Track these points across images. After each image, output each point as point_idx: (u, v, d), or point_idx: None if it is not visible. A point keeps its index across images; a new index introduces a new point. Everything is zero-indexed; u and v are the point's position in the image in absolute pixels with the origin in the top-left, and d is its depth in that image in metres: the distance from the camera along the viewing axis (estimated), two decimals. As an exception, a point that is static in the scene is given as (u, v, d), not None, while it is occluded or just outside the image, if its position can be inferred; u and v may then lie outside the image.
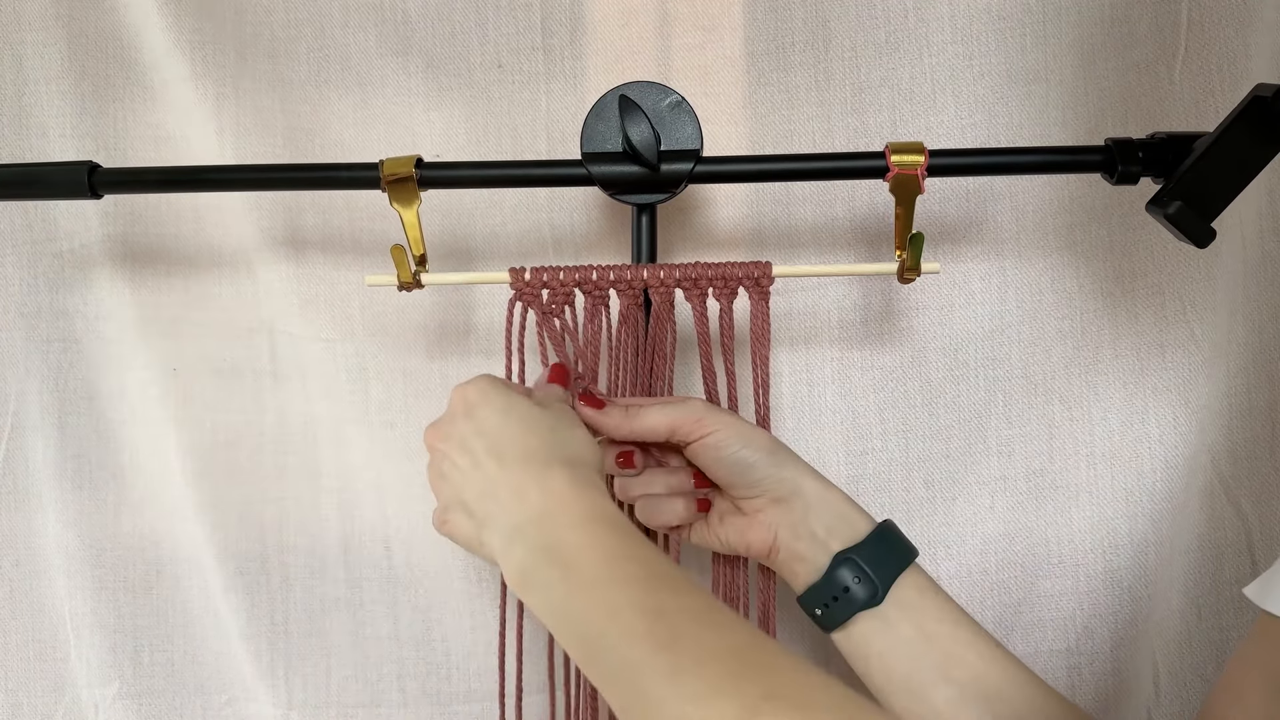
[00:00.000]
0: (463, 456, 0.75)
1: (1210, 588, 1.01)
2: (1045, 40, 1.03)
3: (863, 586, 0.79)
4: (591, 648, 0.62)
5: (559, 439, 0.74)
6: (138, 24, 1.07)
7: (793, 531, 0.82)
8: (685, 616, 0.59)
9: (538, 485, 0.70)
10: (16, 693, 1.15)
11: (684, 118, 0.90)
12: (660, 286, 0.88)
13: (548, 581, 0.66)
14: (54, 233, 1.10)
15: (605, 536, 0.66)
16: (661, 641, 0.58)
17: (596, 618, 0.62)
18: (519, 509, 0.70)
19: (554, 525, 0.68)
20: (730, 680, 0.54)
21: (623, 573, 0.64)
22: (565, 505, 0.68)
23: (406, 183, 0.89)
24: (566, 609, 0.64)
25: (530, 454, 0.72)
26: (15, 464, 1.12)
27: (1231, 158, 0.78)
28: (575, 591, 0.64)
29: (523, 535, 0.69)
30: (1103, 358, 1.05)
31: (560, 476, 0.70)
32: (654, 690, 0.56)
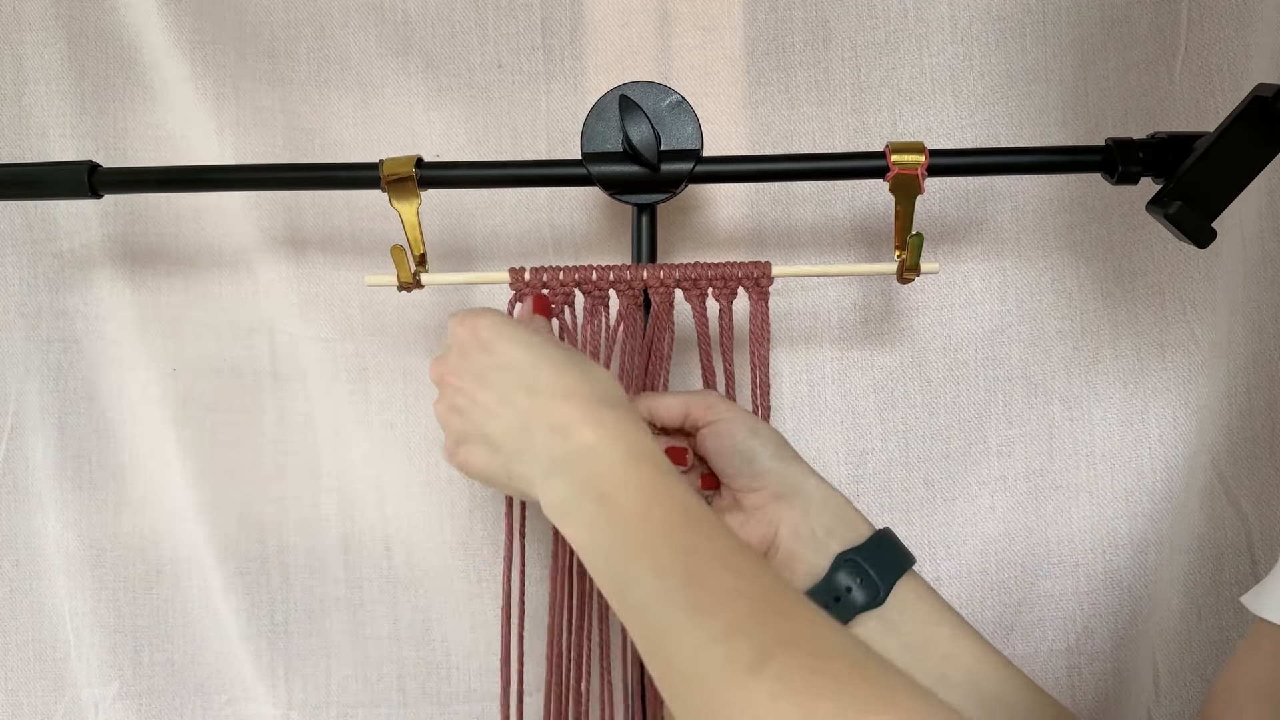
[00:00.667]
0: (484, 391, 0.74)
1: (1210, 588, 1.01)
2: (1045, 40, 1.03)
3: (864, 588, 0.78)
4: (622, 578, 0.63)
5: (593, 379, 0.73)
6: (138, 24, 1.07)
7: (792, 530, 0.81)
8: (714, 558, 0.60)
9: (585, 422, 0.69)
10: (16, 693, 1.15)
11: (684, 118, 0.90)
12: (660, 286, 0.88)
13: (588, 514, 0.67)
14: (54, 233, 1.10)
15: (648, 474, 0.67)
16: (689, 578, 0.59)
17: (631, 551, 0.63)
18: (561, 444, 0.69)
19: (599, 461, 0.68)
20: (750, 620, 0.55)
21: (661, 511, 0.65)
22: (612, 442, 0.68)
23: (407, 182, 0.89)
24: (604, 541, 0.65)
25: (570, 391, 0.71)
26: (15, 464, 1.12)
27: (1232, 158, 0.78)
28: (614, 524, 0.65)
29: (565, 469, 0.69)
30: (1103, 358, 1.05)
31: (608, 415, 0.70)
32: (676, 623, 0.57)
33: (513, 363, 0.73)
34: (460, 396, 0.76)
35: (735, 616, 0.56)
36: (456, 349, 0.77)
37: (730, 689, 0.53)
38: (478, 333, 0.75)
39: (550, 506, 0.70)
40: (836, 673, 0.52)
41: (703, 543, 0.62)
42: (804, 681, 0.51)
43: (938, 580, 1.07)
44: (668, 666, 0.58)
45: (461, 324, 0.76)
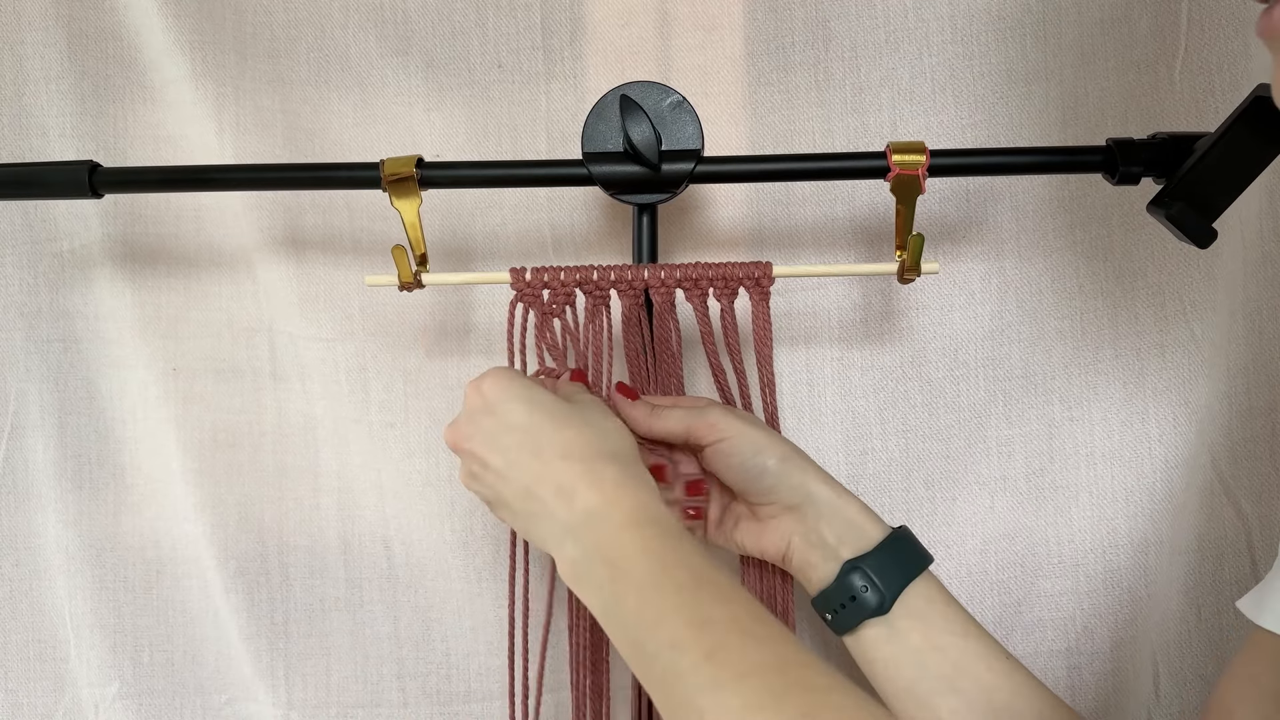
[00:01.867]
0: (493, 455, 0.75)
1: (1210, 588, 1.01)
2: (1045, 40, 1.03)
3: (871, 595, 0.79)
4: (638, 651, 0.63)
5: (596, 432, 0.74)
6: (138, 24, 1.07)
7: (805, 539, 0.83)
8: (729, 627, 0.60)
9: (586, 483, 0.70)
10: (16, 693, 1.15)
11: (685, 118, 0.90)
12: (661, 287, 0.88)
13: (599, 581, 0.67)
14: (54, 233, 1.10)
15: (654, 540, 0.67)
16: (705, 653, 0.59)
17: (644, 623, 0.63)
18: (567, 508, 0.70)
19: (605, 526, 0.68)
20: (770, 697, 0.55)
21: (671, 579, 0.64)
22: (615, 504, 0.69)
23: (407, 182, 0.89)
24: (616, 610, 0.65)
25: (570, 449, 0.72)
26: (15, 464, 1.12)
27: (1233, 158, 0.78)
28: (625, 594, 0.65)
29: (574, 535, 0.69)
30: (1103, 358, 1.05)
31: (610, 473, 0.70)
32: (697, 700, 0.57)
33: (517, 423, 0.74)
34: (474, 462, 0.77)
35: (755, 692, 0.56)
36: (467, 413, 0.77)
37: None
38: (484, 394, 0.76)
39: (563, 571, 0.70)
40: None
41: (718, 612, 0.62)
42: None
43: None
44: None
45: (471, 386, 0.77)
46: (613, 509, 0.68)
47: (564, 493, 0.70)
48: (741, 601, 0.63)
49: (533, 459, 0.72)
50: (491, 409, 0.75)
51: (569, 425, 0.73)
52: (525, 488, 0.73)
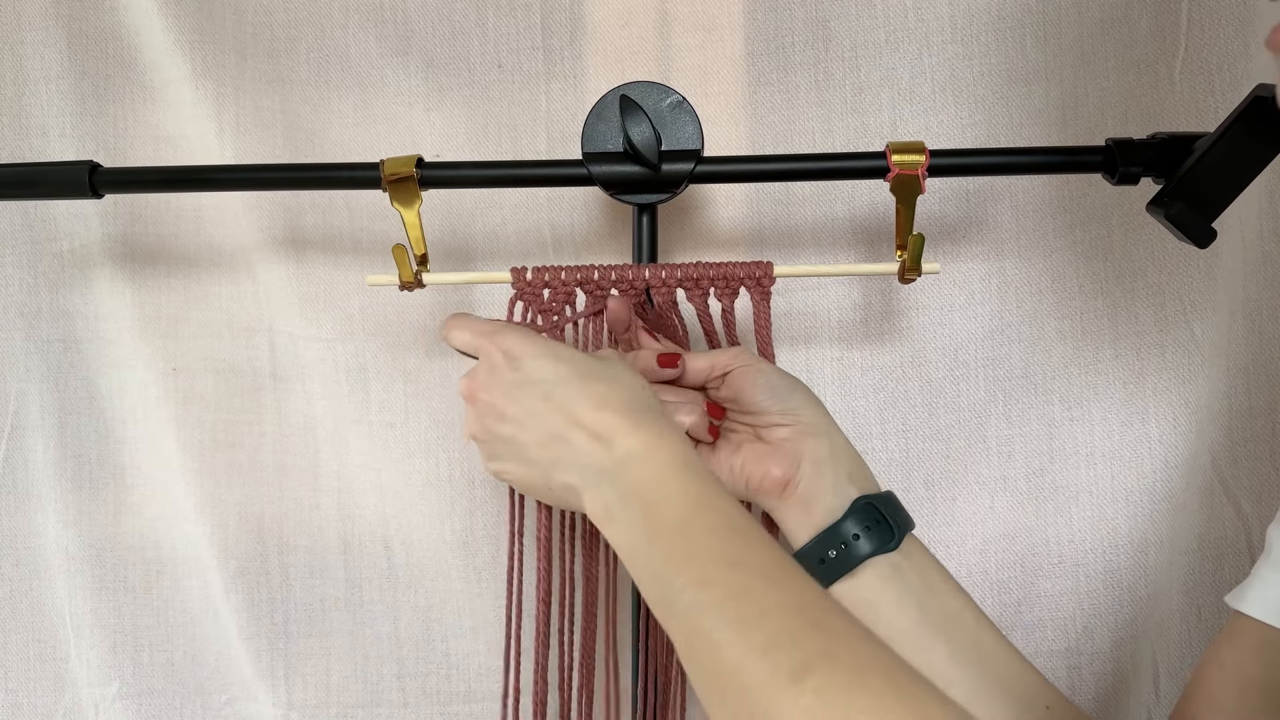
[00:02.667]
0: (512, 405, 0.75)
1: (1210, 588, 1.01)
2: (1045, 40, 1.03)
3: (877, 534, 0.79)
4: (665, 587, 0.64)
5: (627, 387, 0.75)
6: (138, 24, 1.07)
7: (816, 468, 0.82)
8: (756, 570, 0.62)
9: (625, 430, 0.71)
10: (16, 693, 1.15)
11: (685, 118, 0.90)
12: (662, 286, 0.88)
13: (633, 521, 0.68)
14: (54, 233, 1.10)
15: (690, 484, 0.68)
16: (731, 591, 0.60)
17: (676, 561, 0.64)
18: (604, 452, 0.71)
19: (643, 469, 0.69)
20: (789, 635, 0.56)
21: (704, 521, 0.66)
22: (657, 450, 0.70)
23: (407, 182, 0.89)
24: (649, 549, 0.66)
25: (603, 400, 0.72)
26: (15, 464, 1.12)
27: (1232, 158, 0.78)
28: (658, 534, 0.66)
29: (610, 477, 0.70)
30: (1103, 358, 1.05)
31: (648, 423, 0.71)
32: (717, 634, 0.58)
33: (541, 377, 0.74)
34: (489, 413, 0.77)
35: (777, 630, 0.57)
36: (485, 365, 0.78)
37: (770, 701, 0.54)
38: (506, 349, 0.77)
39: (594, 513, 0.71)
40: (873, 688, 0.53)
41: (747, 555, 0.63)
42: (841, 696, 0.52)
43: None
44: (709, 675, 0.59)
45: (490, 341, 0.78)
46: (654, 454, 0.69)
47: (601, 439, 0.71)
48: (768, 547, 0.64)
49: (557, 411, 0.73)
50: (515, 364, 0.76)
51: (600, 379, 0.74)
52: (551, 434, 0.73)
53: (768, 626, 0.57)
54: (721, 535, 0.65)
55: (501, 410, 0.76)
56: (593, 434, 0.71)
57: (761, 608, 0.58)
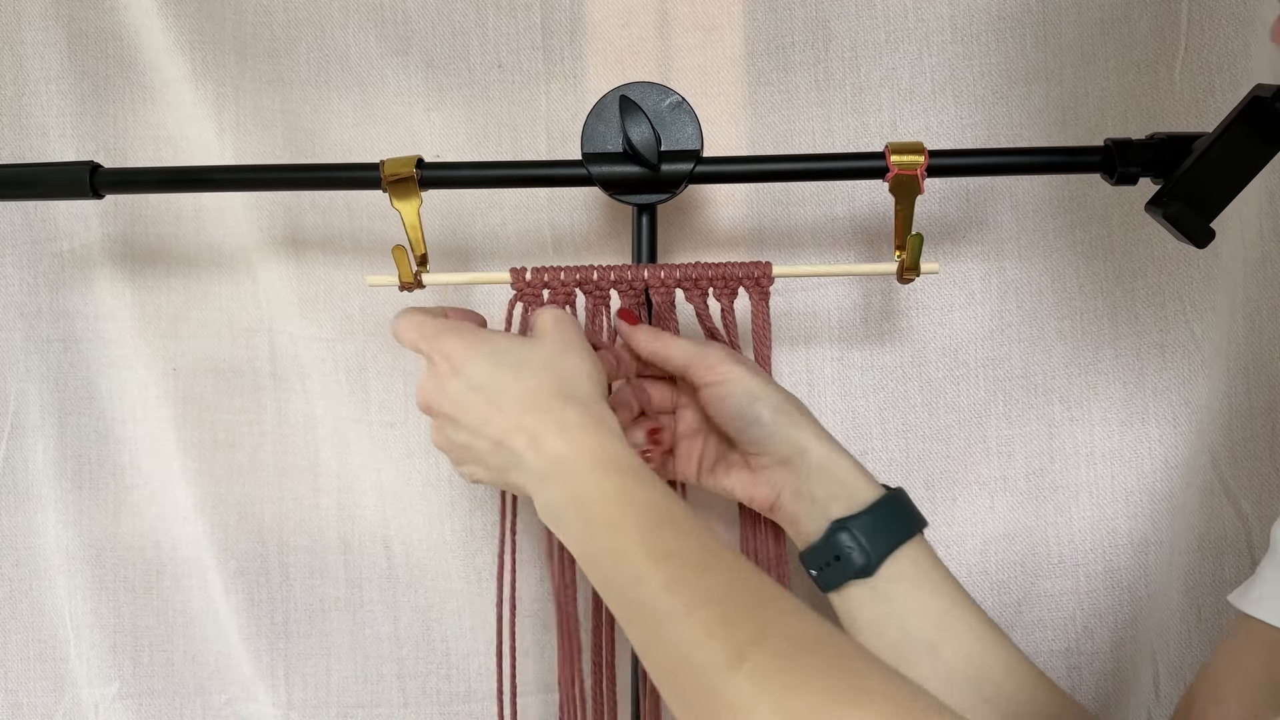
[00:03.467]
0: (464, 414, 0.76)
1: (1210, 588, 1.01)
2: (1045, 40, 1.03)
3: (857, 555, 0.80)
4: (608, 587, 0.66)
5: (555, 375, 0.75)
6: (138, 24, 1.07)
7: (795, 493, 0.83)
8: (684, 561, 0.63)
9: (551, 430, 0.72)
10: (16, 693, 1.15)
11: (684, 118, 0.90)
12: (661, 287, 0.88)
13: (571, 522, 0.69)
14: (54, 233, 1.10)
15: (616, 480, 0.69)
16: (666, 584, 0.62)
17: (612, 559, 0.66)
18: (538, 456, 0.72)
19: (572, 469, 0.70)
20: (721, 625, 0.57)
21: (633, 517, 0.67)
22: (579, 448, 0.70)
23: (407, 183, 0.89)
24: (588, 549, 0.68)
25: (534, 399, 0.73)
26: (15, 464, 1.13)
27: (1231, 158, 0.78)
28: (593, 535, 0.67)
29: (546, 480, 0.71)
30: (1103, 358, 1.05)
31: (571, 417, 0.72)
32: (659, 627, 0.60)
33: (481, 382, 0.75)
34: (447, 424, 0.78)
35: (710, 619, 0.58)
36: (435, 375, 0.78)
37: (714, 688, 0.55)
38: (448, 357, 0.77)
39: (544, 517, 0.73)
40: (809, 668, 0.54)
41: (676, 546, 0.64)
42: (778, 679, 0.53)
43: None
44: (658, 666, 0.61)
45: (432, 348, 0.78)
46: (578, 452, 0.70)
47: (533, 441, 0.72)
48: (697, 533, 0.65)
49: (500, 414, 0.74)
50: (457, 369, 0.76)
51: (529, 374, 0.75)
52: (497, 441, 0.74)
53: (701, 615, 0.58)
54: (650, 529, 0.66)
55: (455, 419, 0.77)
56: (528, 437, 0.72)
57: (692, 600, 0.60)
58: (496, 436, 0.74)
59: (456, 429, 0.77)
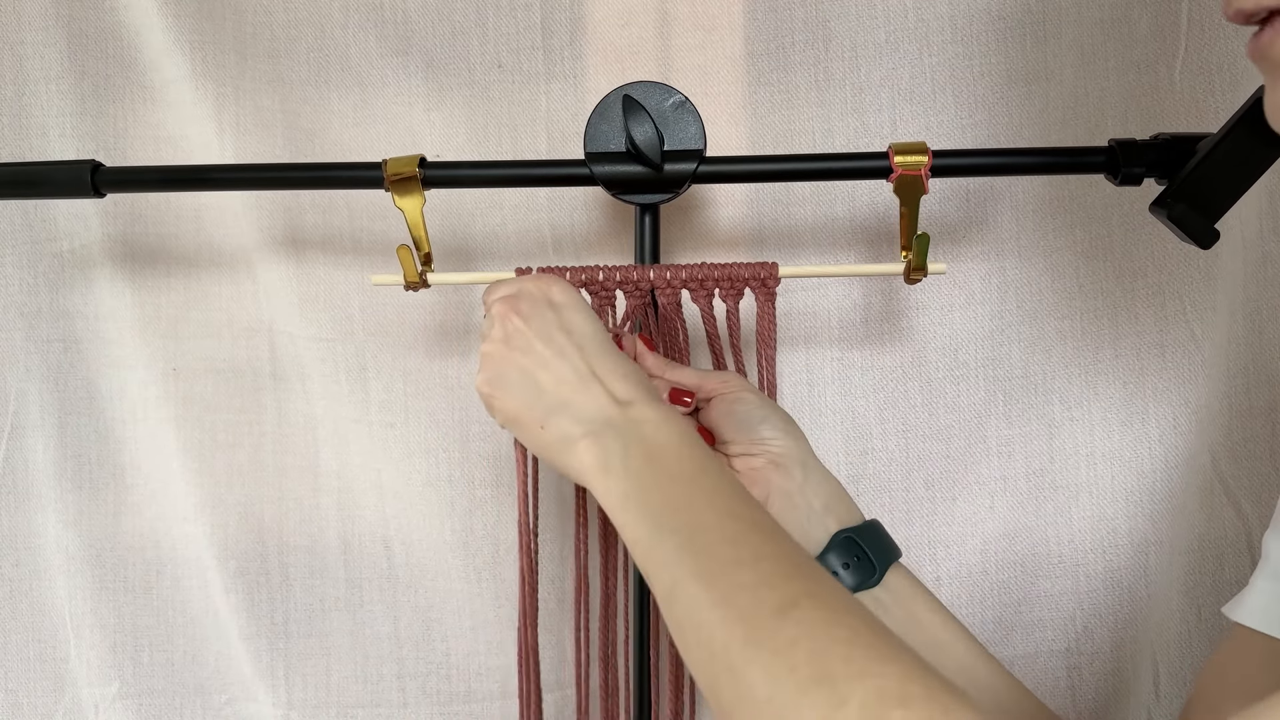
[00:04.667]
0: (543, 342, 0.76)
1: (1210, 588, 1.01)
2: (1045, 40, 1.03)
3: (858, 569, 0.79)
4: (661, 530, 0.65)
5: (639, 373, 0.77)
6: (138, 24, 1.07)
7: (786, 499, 0.81)
8: (752, 524, 0.64)
9: (643, 401, 0.72)
10: (16, 693, 1.15)
11: (687, 118, 0.90)
12: (667, 287, 0.88)
13: (634, 468, 0.69)
14: (54, 233, 1.10)
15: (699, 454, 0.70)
16: (726, 536, 0.62)
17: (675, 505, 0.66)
18: (620, 411, 0.72)
19: (656, 432, 0.70)
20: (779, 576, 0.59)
21: (706, 482, 0.68)
22: (669, 423, 0.71)
23: (410, 182, 0.89)
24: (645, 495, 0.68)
25: (629, 376, 0.74)
26: (15, 464, 1.12)
27: (1235, 159, 0.78)
28: (659, 482, 0.68)
29: (618, 429, 0.71)
30: (1103, 358, 1.06)
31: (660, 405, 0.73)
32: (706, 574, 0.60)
33: (579, 329, 0.76)
34: (520, 337, 0.77)
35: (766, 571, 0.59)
36: (528, 297, 0.78)
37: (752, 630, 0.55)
38: (550, 294, 0.78)
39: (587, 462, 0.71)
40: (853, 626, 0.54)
41: (744, 511, 0.65)
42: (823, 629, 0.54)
43: (937, 580, 1.08)
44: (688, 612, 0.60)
45: (535, 283, 0.79)
46: (670, 425, 0.71)
47: (618, 401, 0.73)
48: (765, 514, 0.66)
49: (585, 361, 0.75)
50: (556, 309, 0.77)
51: (622, 359, 0.76)
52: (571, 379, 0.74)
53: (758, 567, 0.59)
54: (724, 494, 0.67)
55: (530, 341, 0.76)
56: (611, 393, 0.73)
57: (755, 553, 0.61)
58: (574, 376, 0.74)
59: (527, 350, 0.76)
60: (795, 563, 0.60)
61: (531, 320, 0.77)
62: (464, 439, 1.11)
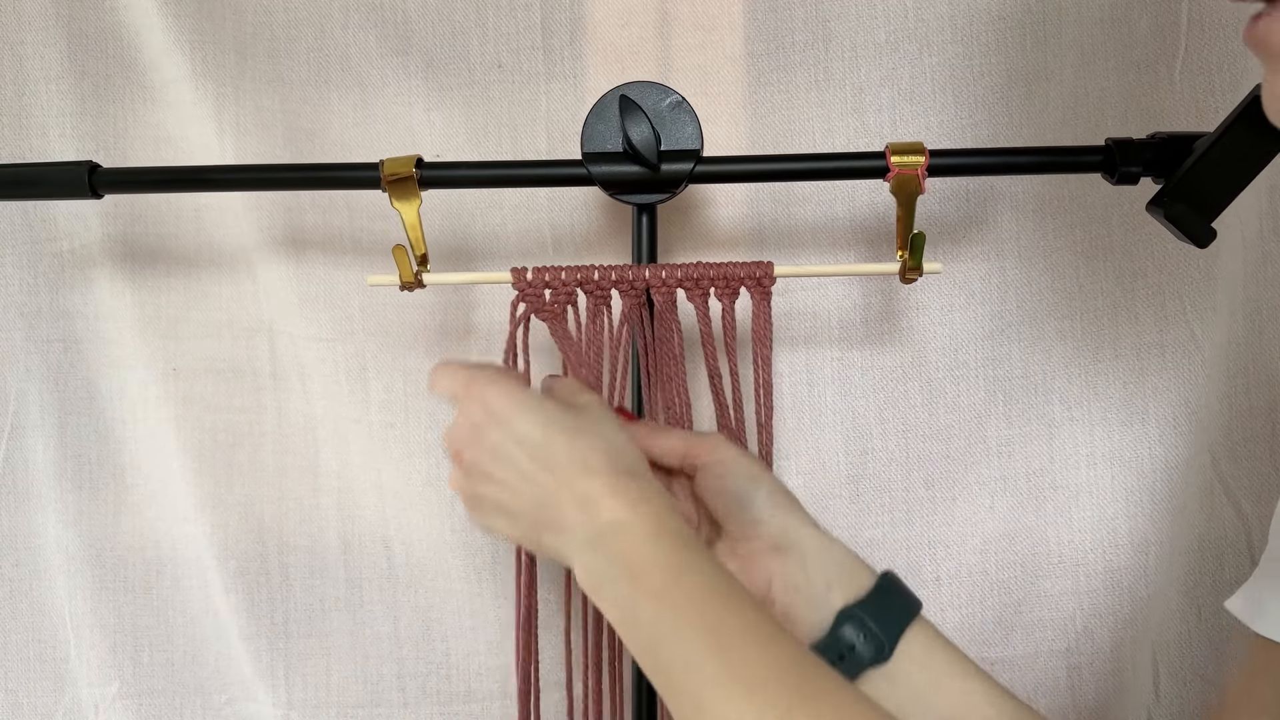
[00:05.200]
0: (502, 468, 0.74)
1: (1210, 588, 1.01)
2: (1045, 40, 1.03)
3: (869, 644, 0.75)
4: (654, 657, 0.64)
5: (611, 446, 0.73)
6: (138, 24, 1.07)
7: (788, 584, 0.78)
8: (740, 632, 0.62)
9: (609, 496, 0.70)
10: (16, 693, 1.15)
11: (684, 117, 0.90)
12: (662, 287, 0.88)
13: (620, 590, 0.68)
14: (54, 233, 1.10)
15: (672, 550, 0.68)
16: (715, 651, 0.61)
17: (661, 627, 0.64)
18: (589, 520, 0.70)
19: (628, 537, 0.68)
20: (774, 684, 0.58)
21: (687, 586, 0.66)
22: (638, 517, 0.69)
23: (407, 182, 0.89)
24: (635, 616, 0.66)
25: (588, 464, 0.71)
26: (15, 464, 1.13)
27: (1232, 158, 0.78)
28: (642, 601, 0.66)
29: (594, 545, 0.69)
30: (1103, 358, 1.05)
31: (632, 488, 0.70)
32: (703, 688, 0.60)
33: (527, 436, 0.73)
34: (476, 471, 0.75)
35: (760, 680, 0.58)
36: (469, 422, 0.76)
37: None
38: (489, 406, 0.74)
39: (583, 580, 0.71)
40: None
41: (729, 618, 0.63)
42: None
43: (938, 580, 1.08)
44: None
45: (470, 396, 0.76)
46: (636, 521, 0.69)
47: (586, 505, 0.70)
48: (749, 609, 0.64)
49: (548, 473, 0.72)
50: (499, 421, 0.74)
51: (583, 438, 0.73)
52: (539, 500, 0.72)
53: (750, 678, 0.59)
54: (705, 600, 0.65)
55: (488, 471, 0.74)
56: (579, 500, 0.70)
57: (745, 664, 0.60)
58: (540, 497, 0.72)
59: (488, 480, 0.75)
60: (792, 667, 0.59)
61: (479, 449, 0.75)
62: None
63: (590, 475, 0.71)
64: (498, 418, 0.74)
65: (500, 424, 0.74)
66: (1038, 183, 1.05)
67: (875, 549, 1.08)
